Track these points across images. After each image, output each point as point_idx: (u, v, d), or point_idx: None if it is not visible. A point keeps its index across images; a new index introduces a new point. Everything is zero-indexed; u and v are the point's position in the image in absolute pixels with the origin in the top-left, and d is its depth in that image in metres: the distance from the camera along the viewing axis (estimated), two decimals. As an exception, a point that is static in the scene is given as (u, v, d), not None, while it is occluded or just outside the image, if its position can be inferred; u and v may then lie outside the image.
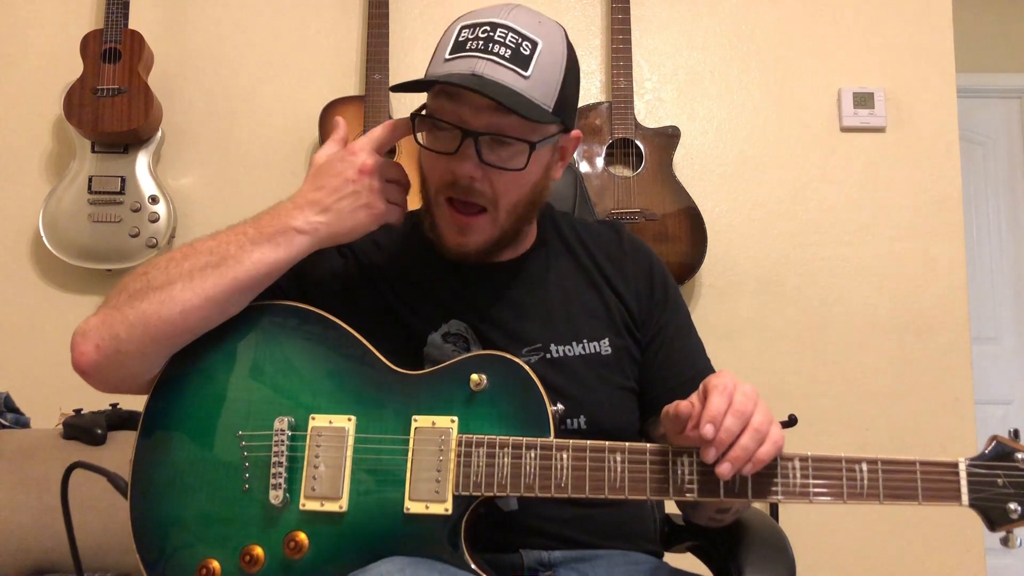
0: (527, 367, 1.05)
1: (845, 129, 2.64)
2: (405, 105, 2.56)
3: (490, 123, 1.07)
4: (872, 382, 2.56)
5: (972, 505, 0.93)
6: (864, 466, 0.94)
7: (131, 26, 2.44)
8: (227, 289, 1.07)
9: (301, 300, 1.16)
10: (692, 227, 2.45)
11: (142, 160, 2.44)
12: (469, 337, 1.16)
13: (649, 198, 2.45)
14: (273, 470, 1.03)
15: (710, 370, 1.27)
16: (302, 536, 1.01)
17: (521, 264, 1.23)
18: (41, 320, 2.47)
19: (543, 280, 1.22)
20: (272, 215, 1.11)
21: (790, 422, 2.37)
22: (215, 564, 1.02)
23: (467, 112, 1.06)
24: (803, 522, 2.46)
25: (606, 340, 1.20)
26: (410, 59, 2.59)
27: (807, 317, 2.58)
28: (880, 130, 2.63)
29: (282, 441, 1.04)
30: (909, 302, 2.58)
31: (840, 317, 2.58)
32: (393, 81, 2.49)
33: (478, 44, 1.06)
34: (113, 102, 2.37)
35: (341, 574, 0.97)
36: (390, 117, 2.45)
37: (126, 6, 2.44)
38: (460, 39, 1.08)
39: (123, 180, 2.41)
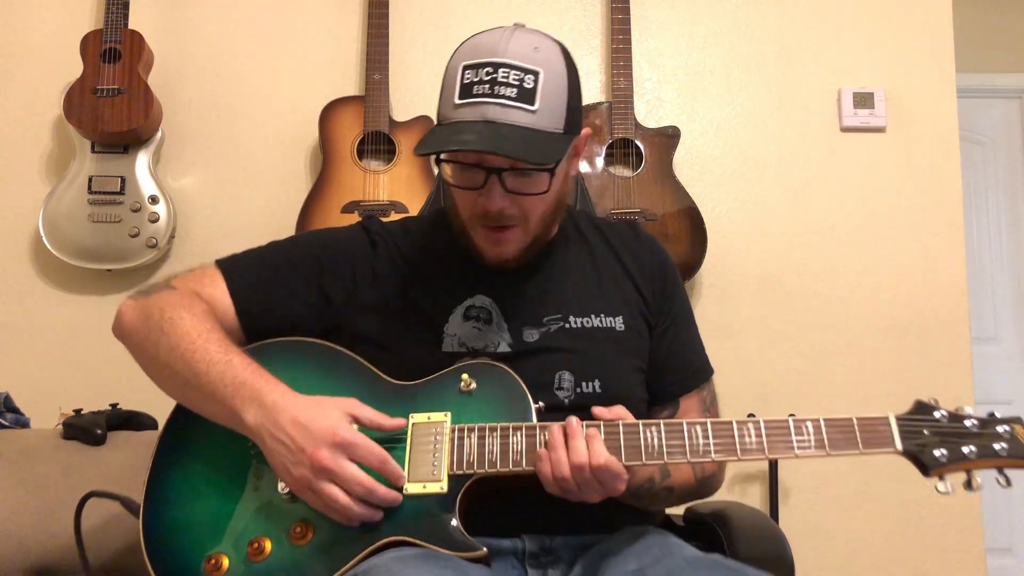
0: (512, 372, 1.15)
1: (845, 129, 2.64)
2: (404, 105, 2.56)
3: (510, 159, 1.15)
4: (872, 382, 2.56)
5: (904, 451, 1.07)
6: (809, 424, 1.08)
7: (131, 26, 2.44)
8: (183, 403, 1.20)
9: (343, 293, 1.26)
10: (692, 227, 2.45)
11: (142, 160, 2.44)
12: (493, 311, 1.25)
13: (649, 198, 2.45)
14: None
15: (708, 366, 1.37)
16: (308, 524, 1.07)
17: (543, 252, 1.31)
18: (41, 320, 2.47)
19: (563, 265, 1.32)
20: (250, 390, 1.11)
21: (790, 422, 2.36)
22: (222, 557, 1.07)
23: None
24: (802, 522, 2.46)
25: (620, 318, 1.28)
26: (410, 59, 2.59)
27: (807, 317, 2.57)
28: (880, 130, 2.64)
29: None
30: (909, 302, 2.58)
31: (840, 317, 2.58)
32: (393, 81, 2.49)
33: (484, 88, 1.12)
34: (113, 102, 2.37)
35: (343, 557, 1.04)
36: (390, 117, 2.46)
37: (126, 6, 2.44)
38: (466, 81, 1.14)
39: (123, 180, 2.41)
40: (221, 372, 1.12)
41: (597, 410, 1.11)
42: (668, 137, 2.53)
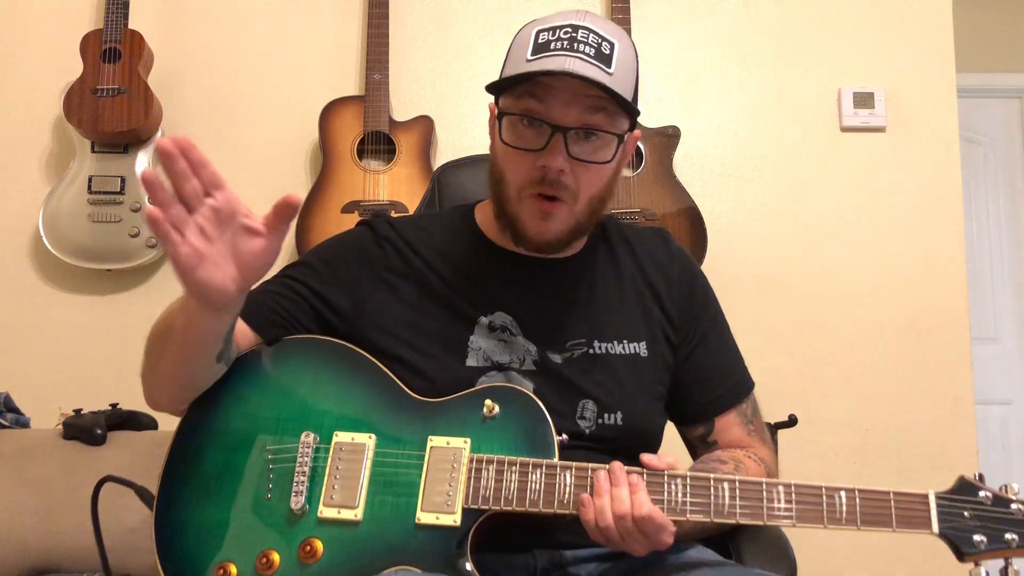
0: (538, 400, 1.11)
1: (845, 129, 2.64)
2: (404, 105, 2.56)
3: (579, 118, 1.12)
4: (872, 382, 2.55)
5: (941, 534, 1.00)
6: (843, 494, 1.01)
7: (131, 26, 2.44)
8: (177, 359, 1.10)
9: (348, 301, 1.21)
10: (692, 227, 2.45)
11: (142, 160, 2.44)
12: (513, 329, 1.20)
13: (649, 198, 2.45)
14: (296, 479, 1.08)
15: (748, 379, 1.33)
16: (318, 542, 1.05)
17: (568, 264, 1.26)
18: (41, 320, 2.46)
19: (588, 280, 1.26)
20: None
21: (790, 422, 2.38)
22: (231, 567, 1.06)
23: (556, 109, 1.12)
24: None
25: (644, 343, 1.24)
26: (410, 59, 2.59)
27: (807, 317, 2.57)
28: (880, 130, 2.63)
29: (307, 453, 1.10)
30: (909, 302, 2.58)
31: (840, 317, 2.58)
32: (393, 81, 2.49)
33: (562, 44, 1.11)
34: (113, 102, 2.37)
35: None
36: (390, 117, 2.46)
37: (126, 6, 2.44)
38: (540, 41, 1.12)
39: (123, 180, 2.41)
40: (173, 304, 1.09)
41: (646, 458, 1.04)
42: (668, 137, 2.53)
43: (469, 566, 1.02)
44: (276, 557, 1.05)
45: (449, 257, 1.24)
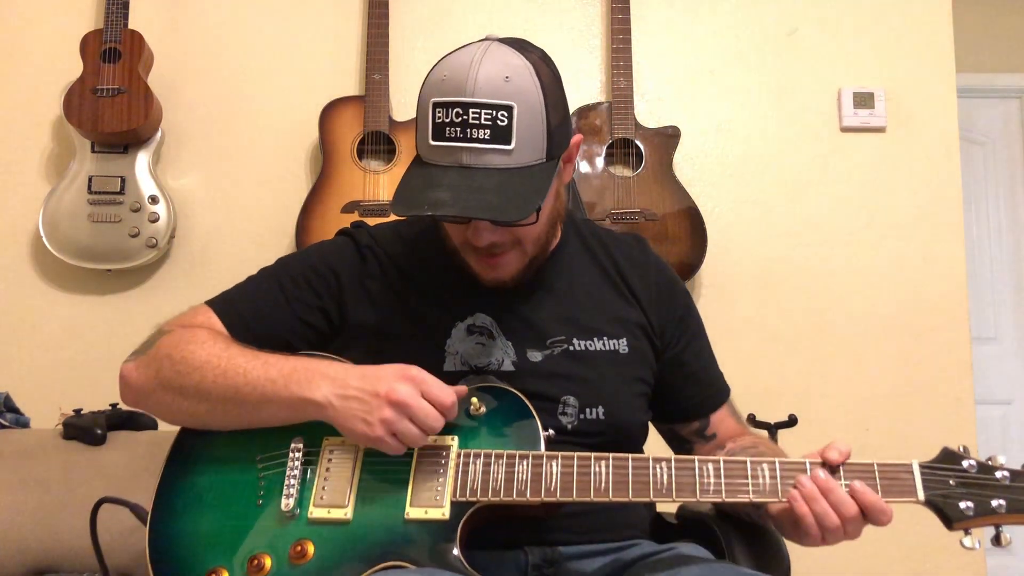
0: (523, 398, 1.12)
1: (845, 129, 2.64)
2: (404, 105, 2.56)
3: None
4: (872, 382, 2.55)
5: (927, 501, 1.00)
6: (828, 469, 1.02)
7: (131, 26, 2.44)
8: (238, 424, 1.15)
9: (336, 310, 1.24)
10: (692, 227, 2.45)
11: (142, 160, 2.44)
12: (493, 330, 1.22)
13: (649, 198, 2.45)
14: (286, 482, 1.10)
15: (723, 383, 1.35)
16: (308, 543, 1.06)
17: (546, 262, 1.27)
18: (41, 320, 2.46)
19: (566, 279, 1.28)
20: (304, 373, 1.10)
21: (790, 422, 2.37)
22: (223, 572, 1.07)
23: None
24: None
25: (624, 340, 1.25)
26: (410, 59, 2.59)
27: (807, 317, 2.57)
28: (880, 130, 2.63)
29: (296, 457, 1.11)
30: (909, 302, 2.58)
31: (840, 317, 2.58)
32: (393, 81, 2.49)
33: (456, 131, 1.08)
34: (113, 102, 2.37)
35: None
36: (390, 117, 2.46)
37: (126, 6, 2.44)
38: (437, 121, 1.10)
39: (123, 180, 2.41)
40: (261, 374, 1.10)
41: (830, 455, 1.03)
42: (668, 137, 2.53)
43: (456, 551, 1.02)
44: (267, 559, 1.06)
45: (427, 262, 1.26)
